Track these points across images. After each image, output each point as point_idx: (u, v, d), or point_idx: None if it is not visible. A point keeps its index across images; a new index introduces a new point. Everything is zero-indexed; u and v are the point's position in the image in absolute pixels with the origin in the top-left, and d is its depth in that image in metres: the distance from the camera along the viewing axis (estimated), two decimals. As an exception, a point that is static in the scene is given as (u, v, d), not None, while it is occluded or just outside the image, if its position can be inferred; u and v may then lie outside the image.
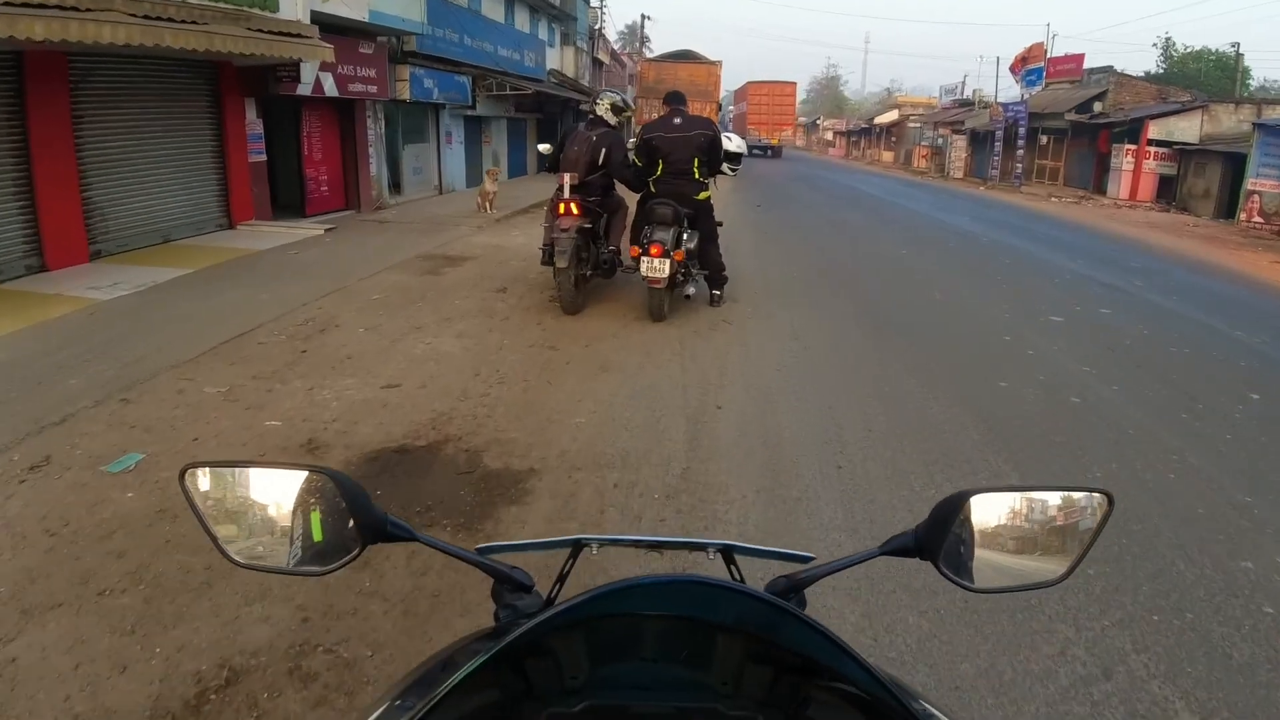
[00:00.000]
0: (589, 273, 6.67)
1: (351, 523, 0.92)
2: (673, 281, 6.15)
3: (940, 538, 0.95)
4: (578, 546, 1.04)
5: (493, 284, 7.56)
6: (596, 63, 34.21)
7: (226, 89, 10.93)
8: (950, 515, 0.95)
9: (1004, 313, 7.26)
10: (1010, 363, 5.72)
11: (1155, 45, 39.16)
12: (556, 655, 0.83)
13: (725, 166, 6.93)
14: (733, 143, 7.14)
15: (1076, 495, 0.98)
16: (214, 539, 0.94)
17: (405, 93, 14.55)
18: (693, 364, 5.35)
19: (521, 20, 22.46)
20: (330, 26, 11.78)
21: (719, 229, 6.97)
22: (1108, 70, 29.69)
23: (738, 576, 1.02)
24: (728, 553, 1.03)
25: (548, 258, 6.33)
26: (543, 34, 24.56)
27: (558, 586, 1.02)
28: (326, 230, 10.95)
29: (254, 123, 11.50)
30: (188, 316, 6.15)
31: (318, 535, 0.93)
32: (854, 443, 4.12)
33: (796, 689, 0.83)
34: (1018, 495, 0.98)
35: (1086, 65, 31.18)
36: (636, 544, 1.14)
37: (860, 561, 1.00)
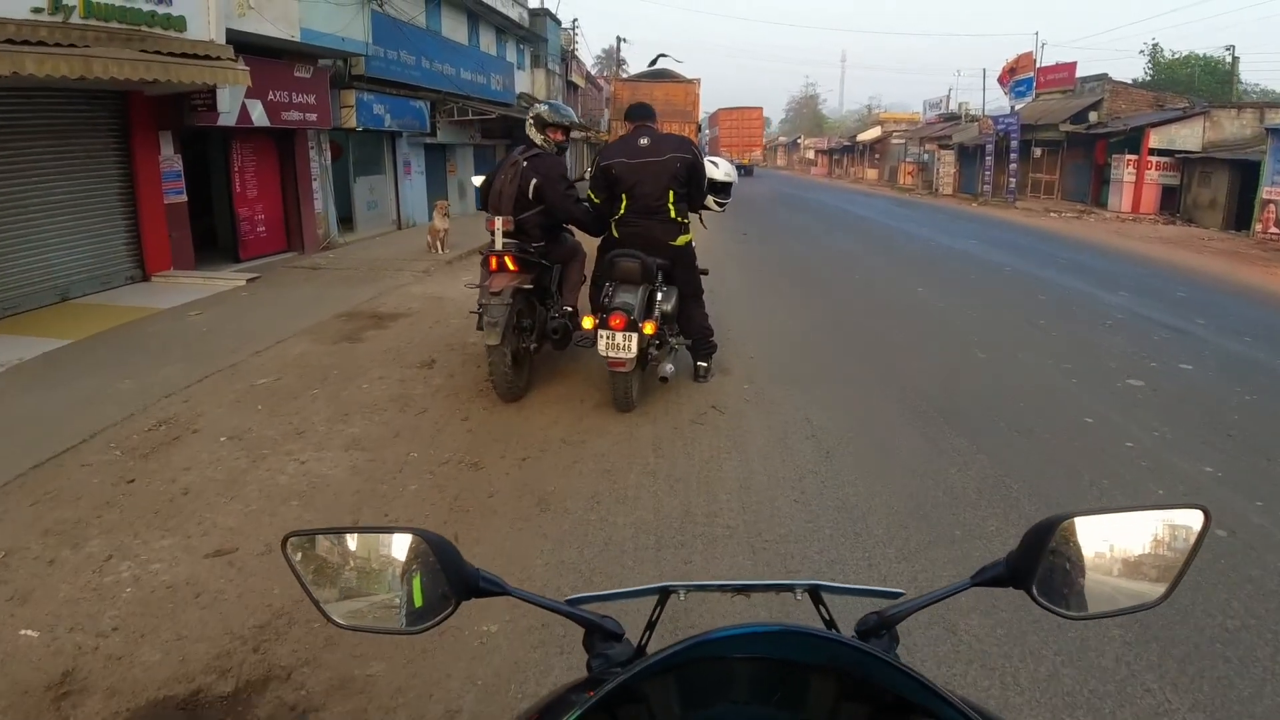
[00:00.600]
0: (533, 345, 5.19)
1: (445, 580, 0.94)
2: (643, 358, 4.65)
3: (1033, 565, 0.93)
4: (665, 594, 1.05)
5: (419, 355, 6.07)
6: (570, 86, 32.99)
7: (137, 122, 9.49)
8: (1042, 541, 0.93)
9: (1068, 377, 5.76)
10: (1107, 464, 4.23)
11: (1142, 52, 38.23)
12: (649, 702, 0.82)
13: (711, 200, 5.48)
14: (720, 169, 5.61)
15: (1172, 513, 0.96)
16: (316, 603, 0.96)
17: (351, 120, 13.15)
18: (671, 494, 3.79)
19: (487, 42, 21.15)
20: (255, 48, 10.38)
21: (703, 278, 5.49)
22: (1102, 78, 28.61)
23: (827, 616, 1.02)
24: (815, 593, 1.03)
25: (482, 324, 4.84)
26: (511, 56, 23.27)
27: (648, 634, 1.02)
28: (249, 280, 9.49)
29: (171, 159, 10.03)
30: (15, 420, 4.70)
31: (416, 595, 0.95)
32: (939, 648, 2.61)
33: None
34: (1112, 516, 0.96)
35: (1078, 74, 30.14)
36: (723, 589, 1.14)
37: (952, 594, 0.98)
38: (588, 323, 4.55)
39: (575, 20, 33.77)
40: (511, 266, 4.83)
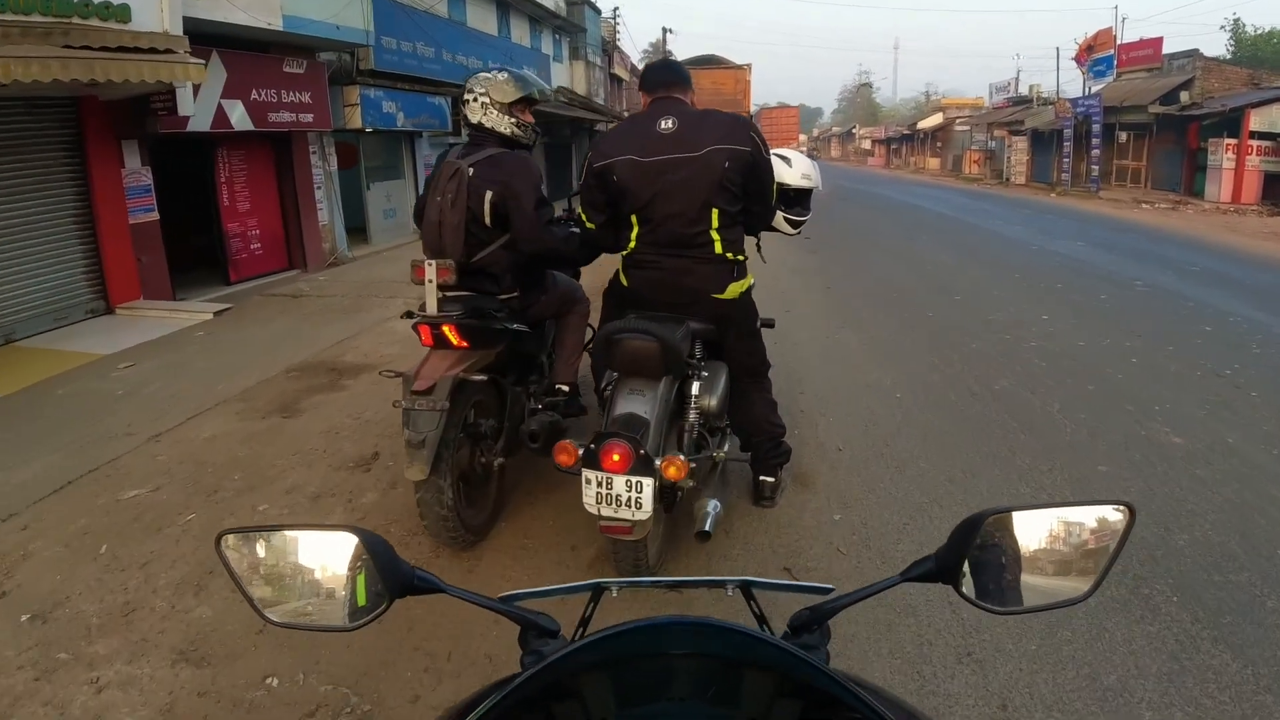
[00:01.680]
0: (499, 460, 3.39)
1: (380, 578, 0.94)
2: (669, 499, 2.87)
3: (959, 560, 0.94)
4: (598, 590, 1.07)
5: (361, 442, 4.35)
6: (614, 79, 31.24)
7: (92, 132, 8.08)
8: (968, 537, 0.93)
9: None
10: None
11: (1223, 28, 35.02)
12: (584, 697, 0.82)
13: (782, 217, 3.58)
14: (794, 166, 3.66)
15: (1099, 509, 0.96)
16: (250, 600, 0.96)
17: (356, 120, 11.61)
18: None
19: (519, 33, 19.53)
20: (234, 41, 8.91)
21: (766, 341, 3.48)
22: (1193, 54, 25.81)
23: (757, 611, 1.04)
24: (746, 588, 1.04)
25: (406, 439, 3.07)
26: (546, 48, 21.62)
27: (580, 630, 1.03)
28: (217, 314, 7.99)
29: (137, 173, 8.59)
30: None
31: (353, 592, 0.95)
32: None
33: None
34: (1038, 513, 0.96)
35: (1165, 50, 27.36)
36: (655, 584, 1.19)
37: (882, 590, 0.98)
38: (562, 457, 2.56)
39: (616, 9, 31.86)
40: (457, 342, 3.08)
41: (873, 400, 5.02)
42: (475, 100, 3.28)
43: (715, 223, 3.00)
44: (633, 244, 3.12)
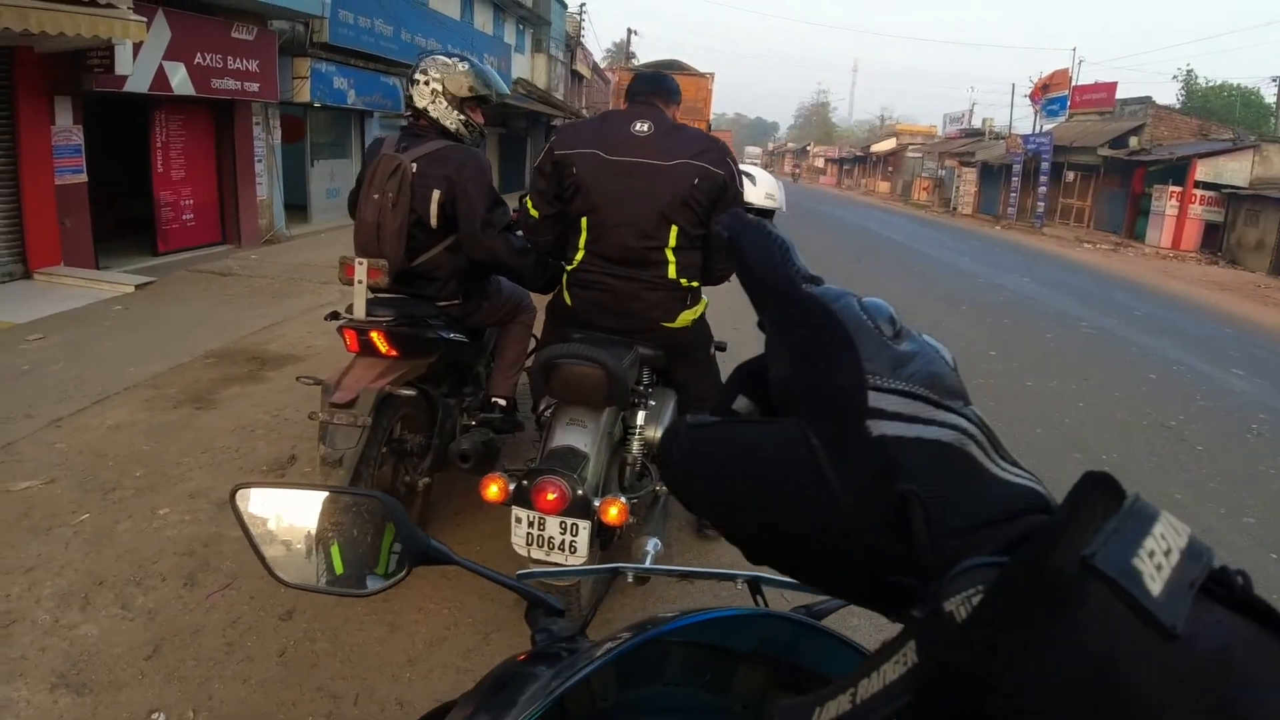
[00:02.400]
0: (424, 480, 3.14)
1: (399, 544, 0.92)
2: (608, 541, 2.59)
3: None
4: (614, 573, 1.16)
5: (277, 445, 4.06)
6: (575, 75, 30.93)
7: (24, 85, 7.55)
8: None
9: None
10: None
11: (1176, 78, 36.34)
12: (590, 679, 0.82)
13: None
14: (757, 186, 3.53)
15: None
16: (262, 558, 0.93)
17: (305, 94, 11.15)
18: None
19: (483, 19, 19.17)
20: (183, 1, 8.45)
21: (720, 366, 3.22)
22: (1145, 101, 26.64)
23: (763, 605, 1.03)
24: (755, 584, 1.05)
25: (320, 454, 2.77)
26: (509, 37, 21.27)
27: (591, 613, 1.13)
28: (139, 286, 7.54)
29: (68, 130, 8.06)
30: None
31: (365, 556, 0.94)
32: None
33: None
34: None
35: (1119, 95, 28.16)
36: (669, 573, 1.19)
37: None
38: (492, 490, 2.30)
39: (583, 4, 31.53)
40: (386, 350, 2.83)
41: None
42: (426, 84, 3.01)
43: (672, 241, 2.76)
44: (580, 254, 2.83)
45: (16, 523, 3.23)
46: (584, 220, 2.80)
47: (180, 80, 8.81)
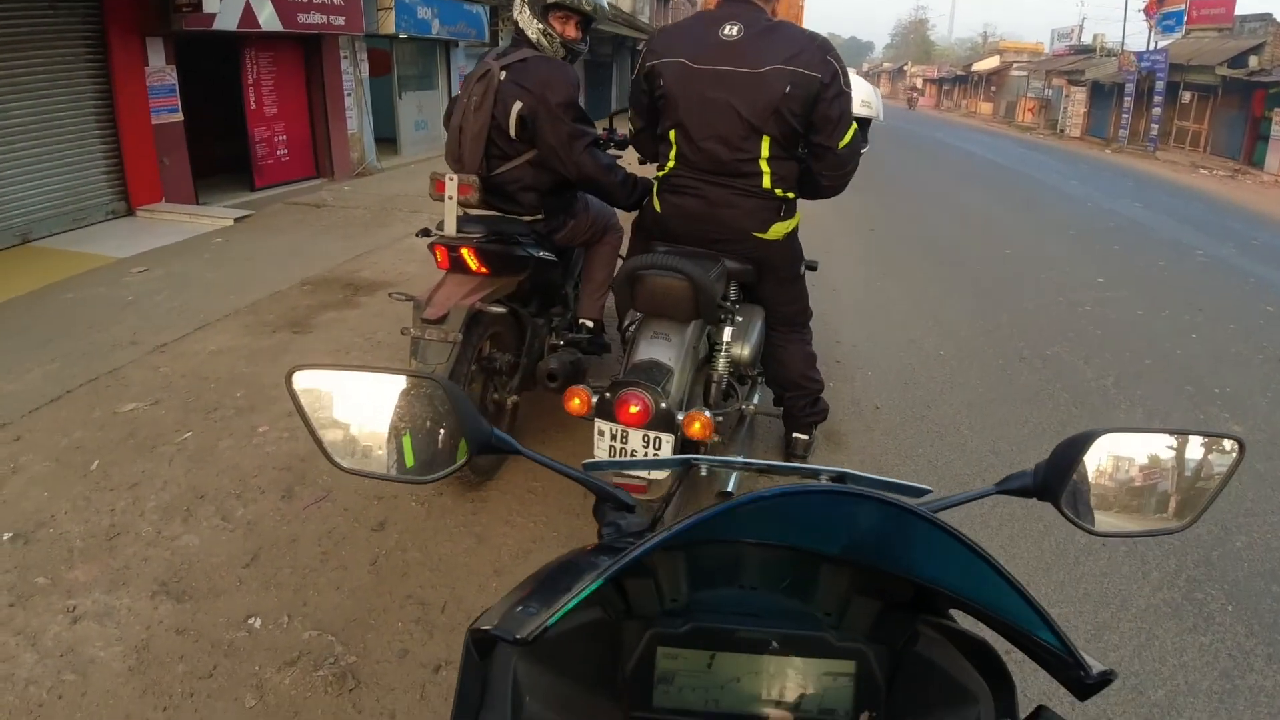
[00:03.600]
0: (512, 398, 3.13)
1: (460, 431, 0.89)
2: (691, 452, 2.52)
3: (1063, 478, 0.90)
4: (686, 466, 1.08)
5: (374, 362, 4.17)
6: (661, -1, 30.07)
7: (115, 28, 7.74)
8: (1074, 455, 0.89)
9: None
10: None
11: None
12: (657, 576, 0.80)
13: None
14: (854, 93, 3.29)
15: (1208, 440, 0.93)
16: (319, 443, 0.91)
17: (390, 25, 11.16)
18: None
19: (565, -56, 18.69)
20: (262, -68, 8.49)
21: (808, 286, 3.14)
22: (1265, 19, 24.38)
23: None
24: (841, 479, 0.98)
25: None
26: (592, -39, 20.72)
27: (663, 506, 1.09)
28: (237, 220, 7.77)
29: (161, 71, 8.26)
30: None
31: (423, 443, 0.91)
32: None
33: (904, 625, 0.80)
34: (1147, 436, 0.92)
35: (1237, 11, 25.86)
36: (747, 466, 1.15)
37: (977, 498, 0.96)
38: (575, 403, 2.25)
39: (669, -74, 30.47)
40: (476, 267, 2.80)
41: (913, 358, 4.72)
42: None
43: (765, 152, 2.61)
44: (671, 163, 2.75)
45: (123, 442, 3.37)
46: (673, 133, 2.70)
47: (268, 16, 8.90)
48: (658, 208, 2.83)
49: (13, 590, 2.45)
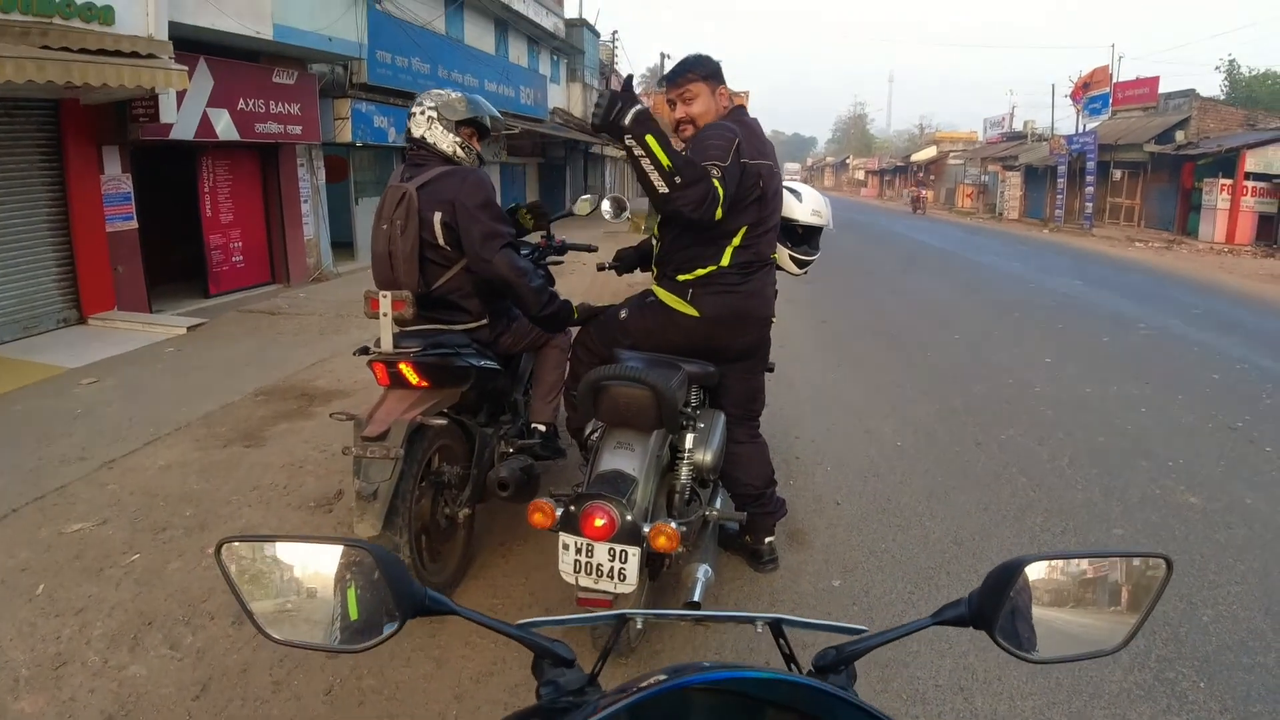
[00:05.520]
0: (464, 511, 3.06)
1: (391, 597, 0.88)
2: (658, 570, 2.59)
3: (996, 606, 0.91)
4: (621, 621, 1.05)
5: (325, 479, 4.06)
6: (612, 101, 31.05)
7: (71, 136, 7.80)
8: (1005, 583, 0.91)
9: None
10: None
11: (1218, 68, 35.23)
12: None
13: (788, 255, 3.29)
14: (804, 203, 3.33)
15: (1134, 561, 0.94)
16: (249, 614, 0.91)
17: (346, 134, 11.38)
18: None
19: (517, 52, 19.40)
20: (222, 48, 8.69)
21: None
22: (1189, 94, 25.96)
23: (787, 650, 1.00)
24: (776, 626, 1.00)
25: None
26: (544, 68, 21.50)
27: (601, 663, 1.01)
28: (190, 329, 7.70)
29: (117, 179, 8.31)
30: None
31: (354, 611, 0.90)
32: None
33: None
34: (1074, 561, 0.95)
35: (1161, 89, 27.47)
36: (682, 617, 1.12)
37: (912, 632, 0.96)
38: (538, 516, 2.22)
39: (615, 33, 31.82)
40: (416, 381, 2.79)
41: (872, 449, 4.75)
42: (422, 114, 3.05)
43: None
44: (724, 262, 2.82)
45: (70, 564, 3.25)
46: (744, 231, 2.81)
47: (225, 126, 9.04)
48: (693, 312, 2.84)
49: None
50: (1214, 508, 3.99)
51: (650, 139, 2.46)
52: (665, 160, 2.48)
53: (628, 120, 2.46)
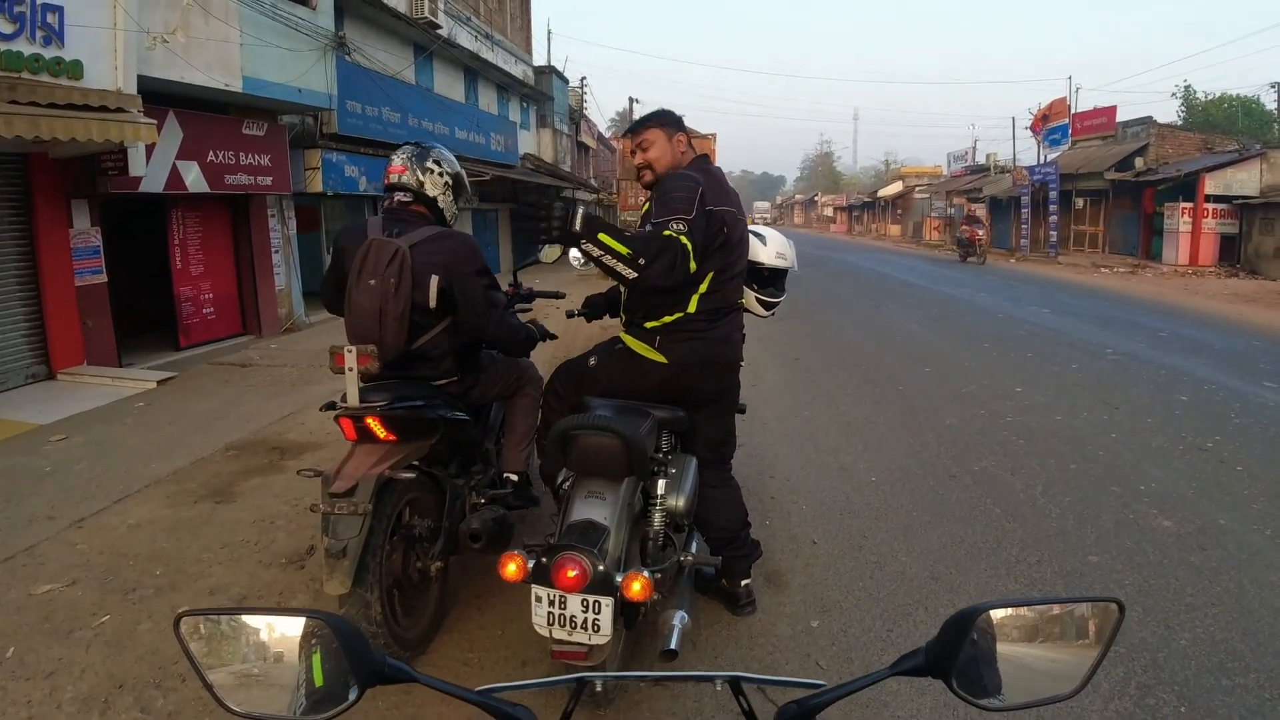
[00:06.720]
0: (436, 564, 3.00)
1: (349, 666, 0.89)
2: (633, 619, 2.47)
3: (952, 655, 0.92)
4: (581, 684, 1.06)
5: (297, 535, 4.01)
6: (581, 147, 31.47)
7: (40, 190, 7.76)
8: (961, 632, 0.92)
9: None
10: None
11: (1175, 95, 36.33)
12: None
13: (754, 298, 3.33)
14: (768, 246, 3.35)
15: (1086, 606, 0.96)
16: (209, 687, 0.91)
17: (317, 184, 11.39)
18: None
19: (487, 100, 19.59)
20: (192, 101, 8.72)
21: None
22: (1146, 122, 26.72)
23: (746, 707, 1.01)
24: (735, 684, 1.01)
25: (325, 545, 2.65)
26: (514, 115, 21.71)
27: None
28: (160, 383, 7.62)
29: (86, 233, 8.26)
30: None
31: (316, 680, 0.91)
32: None
33: None
34: (1027, 609, 0.96)
35: (1119, 118, 28.26)
36: (641, 678, 1.26)
37: (871, 684, 0.96)
38: (510, 569, 2.17)
39: (584, 79, 32.28)
40: (383, 435, 2.76)
41: (847, 486, 4.76)
42: (439, 175, 3.04)
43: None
44: (691, 308, 2.86)
45: (38, 627, 3.18)
46: (710, 277, 2.86)
47: (194, 178, 9.03)
48: (661, 358, 2.87)
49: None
50: (1187, 530, 4.04)
51: (602, 236, 2.55)
52: (623, 249, 2.54)
53: (578, 227, 2.55)
